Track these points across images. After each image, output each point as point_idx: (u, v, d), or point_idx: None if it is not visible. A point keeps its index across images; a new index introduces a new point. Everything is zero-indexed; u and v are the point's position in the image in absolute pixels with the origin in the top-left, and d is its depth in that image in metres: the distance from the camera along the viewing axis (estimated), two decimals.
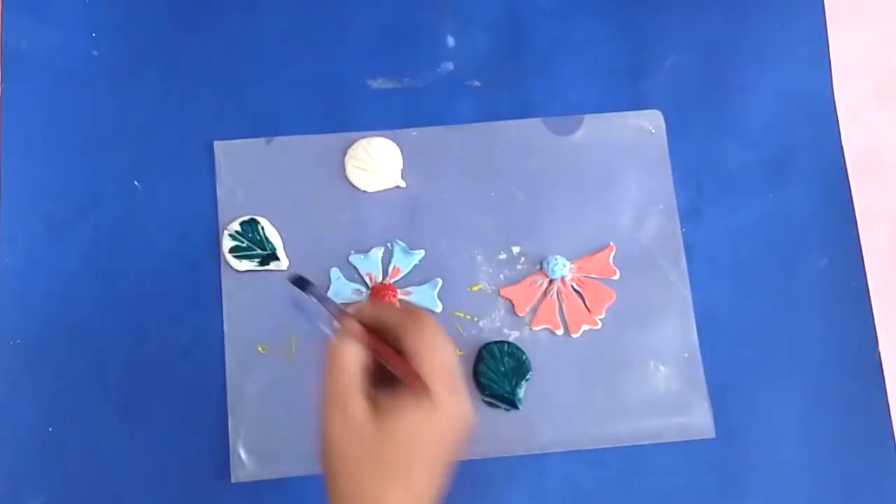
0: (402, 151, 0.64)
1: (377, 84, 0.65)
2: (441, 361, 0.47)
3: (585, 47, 0.66)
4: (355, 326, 0.49)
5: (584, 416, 0.61)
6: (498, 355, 0.61)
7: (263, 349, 0.61)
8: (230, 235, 0.62)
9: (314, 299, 0.53)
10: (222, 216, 0.63)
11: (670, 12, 0.67)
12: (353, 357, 0.48)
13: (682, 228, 0.64)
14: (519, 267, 0.63)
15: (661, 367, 0.62)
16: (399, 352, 0.48)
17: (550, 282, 0.63)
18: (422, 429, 0.46)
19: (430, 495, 0.47)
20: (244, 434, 0.60)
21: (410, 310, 0.49)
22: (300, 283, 0.54)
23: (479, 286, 0.63)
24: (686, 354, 0.62)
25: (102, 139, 0.64)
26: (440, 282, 0.62)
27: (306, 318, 0.61)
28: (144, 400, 0.61)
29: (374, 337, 0.49)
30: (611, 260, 0.63)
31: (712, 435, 0.61)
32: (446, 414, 0.47)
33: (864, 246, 0.64)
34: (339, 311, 0.51)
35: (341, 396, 0.47)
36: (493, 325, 0.62)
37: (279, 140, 0.64)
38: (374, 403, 0.47)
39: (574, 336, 0.62)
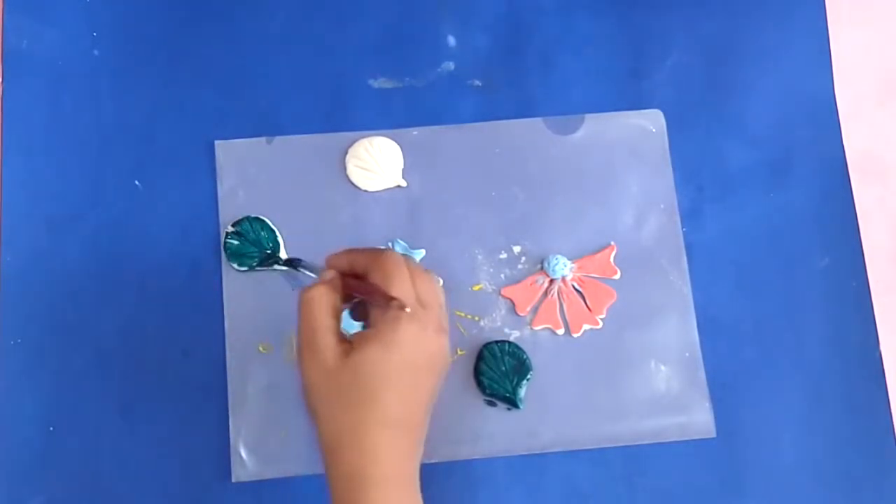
0: (402, 151, 0.64)
1: (378, 83, 0.66)
2: (399, 293, 0.49)
3: (586, 47, 0.67)
4: (329, 273, 0.52)
5: (585, 416, 0.61)
6: (499, 355, 0.61)
7: (264, 349, 0.61)
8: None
9: (306, 271, 0.57)
10: (223, 216, 0.63)
11: (671, 12, 0.67)
12: (320, 301, 0.50)
13: (682, 228, 0.64)
14: (520, 266, 0.63)
15: (662, 367, 0.62)
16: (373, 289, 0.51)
17: (551, 281, 0.63)
18: (382, 358, 0.48)
19: (405, 421, 0.49)
20: (245, 433, 0.60)
21: (374, 250, 0.52)
22: (291, 263, 0.60)
23: (480, 286, 0.63)
24: (687, 354, 0.62)
25: (103, 139, 0.64)
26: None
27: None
28: (144, 400, 0.60)
29: (351, 279, 0.52)
30: (612, 259, 0.63)
31: (713, 434, 0.61)
32: (407, 341, 0.48)
33: (864, 245, 0.64)
34: (320, 269, 0.53)
35: (311, 338, 0.49)
36: (494, 325, 0.62)
37: (280, 139, 0.64)
38: (347, 345, 0.49)
39: (575, 335, 0.62)
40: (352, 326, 0.53)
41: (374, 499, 0.47)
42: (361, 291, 0.51)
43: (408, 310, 0.48)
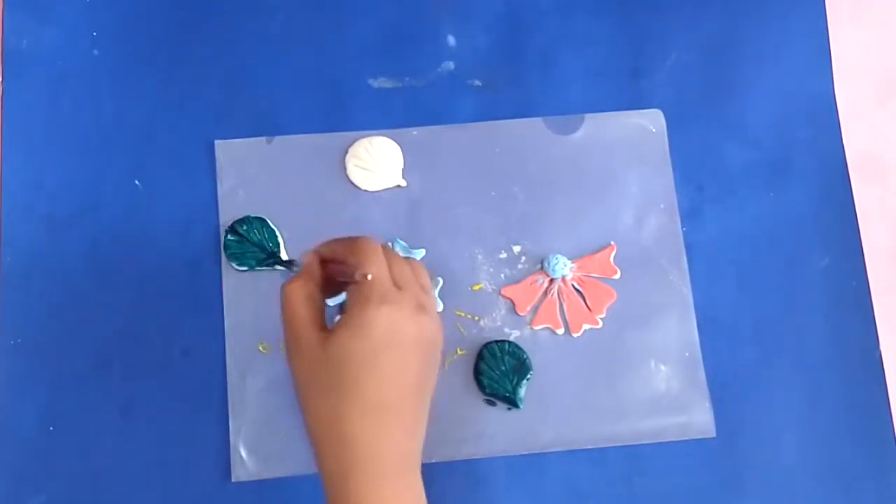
0: (402, 150, 0.64)
1: (378, 83, 0.66)
2: (371, 272, 0.49)
3: (586, 47, 0.67)
4: (307, 257, 0.52)
5: (585, 416, 0.61)
6: (499, 354, 0.61)
7: (264, 348, 0.61)
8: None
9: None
10: (223, 216, 0.63)
11: (670, 12, 0.67)
12: (297, 293, 0.50)
13: (682, 228, 0.64)
14: (520, 266, 0.63)
15: (662, 367, 0.62)
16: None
17: (551, 281, 0.63)
18: (354, 343, 0.48)
19: (390, 406, 0.48)
20: (245, 433, 0.60)
21: (351, 238, 0.52)
22: (288, 265, 0.61)
23: (480, 285, 0.63)
24: (687, 354, 0.62)
25: (103, 139, 0.64)
26: (441, 281, 0.62)
27: None
28: (144, 400, 0.60)
29: (332, 264, 0.52)
30: (612, 259, 0.63)
31: (713, 434, 0.61)
32: (378, 323, 0.48)
33: (864, 245, 0.64)
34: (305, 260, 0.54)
35: (293, 332, 0.50)
36: (494, 325, 0.62)
37: (280, 139, 0.64)
38: (328, 333, 0.49)
39: (575, 335, 0.62)
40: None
41: (365, 491, 0.47)
42: (339, 274, 0.52)
43: (369, 276, 0.48)
